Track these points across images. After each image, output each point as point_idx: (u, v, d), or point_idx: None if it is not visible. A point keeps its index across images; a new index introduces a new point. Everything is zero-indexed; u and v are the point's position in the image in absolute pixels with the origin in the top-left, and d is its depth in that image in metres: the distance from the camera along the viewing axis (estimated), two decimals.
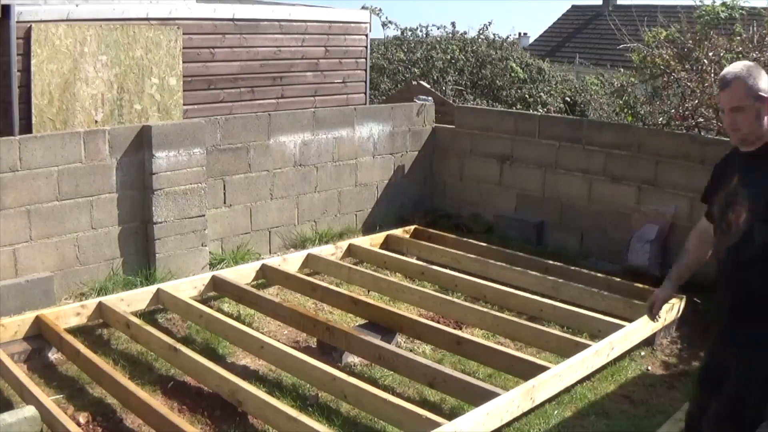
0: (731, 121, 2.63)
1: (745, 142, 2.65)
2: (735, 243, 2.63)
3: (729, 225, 2.67)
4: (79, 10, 6.40)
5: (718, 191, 2.79)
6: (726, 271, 2.74)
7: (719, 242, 2.76)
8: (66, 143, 5.06)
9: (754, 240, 2.56)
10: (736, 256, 2.65)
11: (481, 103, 10.97)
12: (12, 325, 4.35)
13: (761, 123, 2.62)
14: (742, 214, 2.61)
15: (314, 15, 8.29)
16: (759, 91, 2.59)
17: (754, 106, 2.57)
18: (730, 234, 2.66)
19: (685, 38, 6.78)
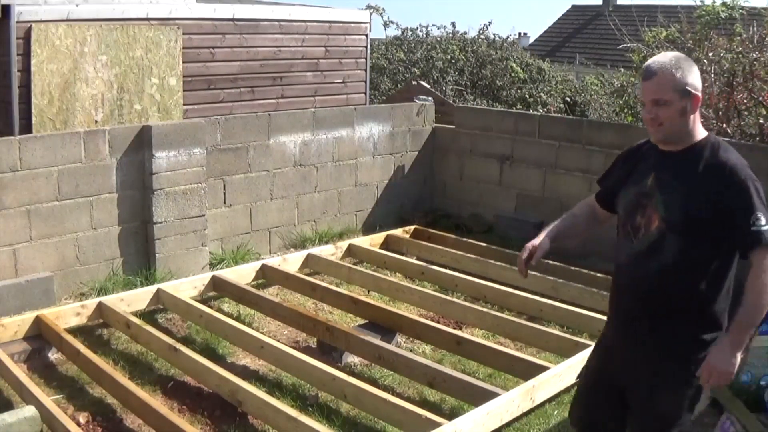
0: (652, 116, 2.37)
1: (667, 141, 2.42)
2: (642, 251, 2.40)
3: (637, 229, 2.43)
4: (79, 10, 6.40)
5: (626, 184, 2.54)
6: (628, 279, 2.49)
7: (623, 245, 2.50)
8: (66, 143, 5.06)
9: (664, 250, 2.35)
10: (642, 265, 2.40)
11: (481, 103, 10.97)
12: (12, 325, 4.35)
13: (686, 121, 2.37)
14: (654, 220, 2.38)
15: (314, 15, 8.29)
16: (686, 86, 2.34)
17: (680, 102, 2.33)
18: (638, 239, 2.42)
19: (685, 38, 6.79)
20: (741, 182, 2.29)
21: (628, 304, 2.49)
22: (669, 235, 2.34)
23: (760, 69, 6.08)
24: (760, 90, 6.17)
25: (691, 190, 2.33)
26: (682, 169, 2.37)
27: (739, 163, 2.34)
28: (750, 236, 2.24)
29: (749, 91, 6.25)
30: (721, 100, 6.43)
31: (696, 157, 2.36)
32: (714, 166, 2.32)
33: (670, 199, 2.35)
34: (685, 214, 2.31)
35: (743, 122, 6.46)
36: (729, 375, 2.27)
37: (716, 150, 2.36)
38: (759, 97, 6.18)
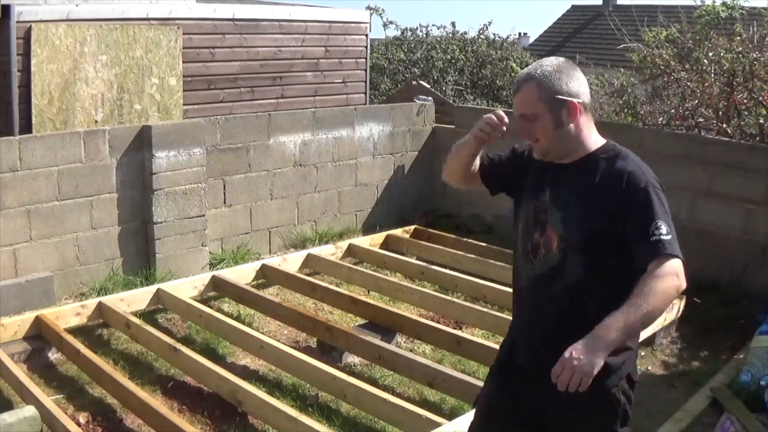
0: (523, 132, 2.19)
1: (551, 155, 2.21)
2: (544, 273, 2.18)
3: (536, 249, 2.21)
4: (79, 10, 6.40)
5: (523, 192, 2.32)
6: (531, 304, 2.27)
7: (522, 267, 2.28)
8: (66, 143, 5.06)
9: (567, 272, 2.14)
10: (545, 289, 2.19)
11: (481, 103, 10.97)
12: (12, 325, 4.35)
13: (566, 132, 2.16)
14: (553, 240, 2.16)
15: (314, 15, 8.28)
16: (556, 94, 2.13)
17: (551, 113, 2.13)
18: (538, 261, 2.21)
19: (685, 38, 6.79)
20: (640, 190, 2.09)
21: (534, 332, 2.25)
22: (571, 254, 2.13)
23: (760, 69, 6.08)
24: (760, 90, 6.17)
25: (588, 204, 2.12)
26: (577, 182, 2.17)
27: (638, 170, 2.14)
28: (649, 247, 2.02)
29: (749, 91, 6.25)
30: (721, 100, 6.44)
31: (592, 169, 2.16)
32: (611, 177, 2.12)
33: (568, 216, 2.14)
34: (584, 231, 2.11)
35: (743, 122, 6.47)
36: (587, 375, 1.91)
37: (614, 159, 2.16)
38: (759, 97, 6.18)
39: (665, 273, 1.97)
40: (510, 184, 2.44)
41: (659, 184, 2.17)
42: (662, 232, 2.04)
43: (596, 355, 1.91)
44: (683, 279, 2.00)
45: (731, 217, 5.50)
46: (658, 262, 1.99)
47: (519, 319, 2.36)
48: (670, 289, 1.97)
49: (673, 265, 1.99)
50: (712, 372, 4.34)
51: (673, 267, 1.99)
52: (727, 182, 5.52)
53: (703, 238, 5.65)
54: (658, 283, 1.96)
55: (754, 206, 5.39)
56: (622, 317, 1.94)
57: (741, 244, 5.44)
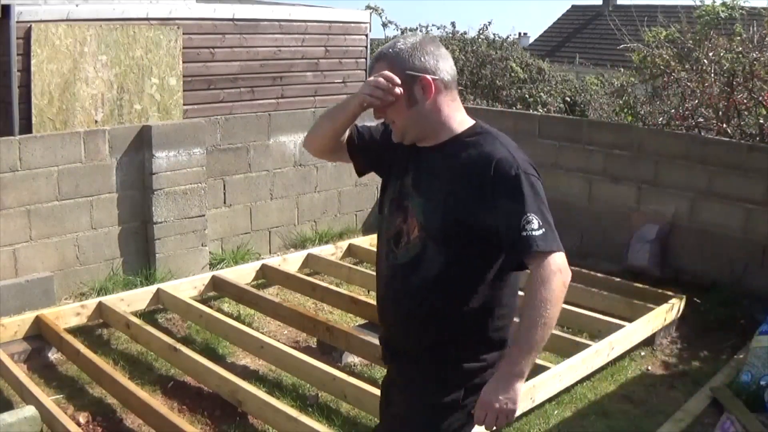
0: (379, 113, 2.03)
1: (409, 137, 2.04)
2: (404, 263, 2.03)
3: (398, 237, 2.05)
4: (79, 10, 6.40)
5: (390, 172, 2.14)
6: (390, 295, 2.11)
7: (384, 254, 2.12)
8: (66, 143, 5.06)
9: (426, 263, 1.98)
10: (404, 280, 2.03)
11: (481, 103, 10.96)
12: (12, 325, 4.35)
13: (423, 111, 1.98)
14: (414, 228, 2.01)
15: (314, 15, 8.28)
16: (406, 70, 1.95)
17: (405, 94, 1.96)
18: (400, 249, 2.04)
19: (685, 38, 6.78)
20: (510, 178, 1.89)
21: (391, 323, 2.13)
22: (431, 245, 1.97)
23: (760, 69, 6.08)
24: (760, 90, 6.17)
25: (451, 191, 1.94)
26: (440, 167, 1.99)
27: (509, 155, 1.94)
28: (520, 242, 1.85)
29: (749, 91, 6.25)
30: (721, 100, 6.44)
31: (457, 152, 1.98)
32: (478, 162, 1.93)
33: (429, 204, 1.97)
34: (446, 220, 1.94)
35: (743, 122, 6.46)
36: (511, 413, 1.87)
37: (481, 142, 1.98)
38: (759, 97, 6.18)
39: (548, 275, 1.84)
40: (379, 163, 2.22)
41: (533, 168, 1.96)
42: (533, 226, 1.85)
43: (513, 390, 1.86)
44: (567, 271, 1.89)
45: (731, 217, 5.50)
46: (535, 261, 1.85)
47: (379, 312, 2.20)
48: (559, 290, 1.85)
49: (553, 263, 1.86)
50: (712, 372, 4.34)
51: (554, 264, 1.85)
52: (727, 182, 5.52)
53: (703, 238, 5.65)
54: (545, 289, 1.83)
55: (754, 206, 5.39)
56: (525, 339, 1.84)
57: (741, 244, 5.44)
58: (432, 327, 2.01)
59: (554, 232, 1.90)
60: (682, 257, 5.75)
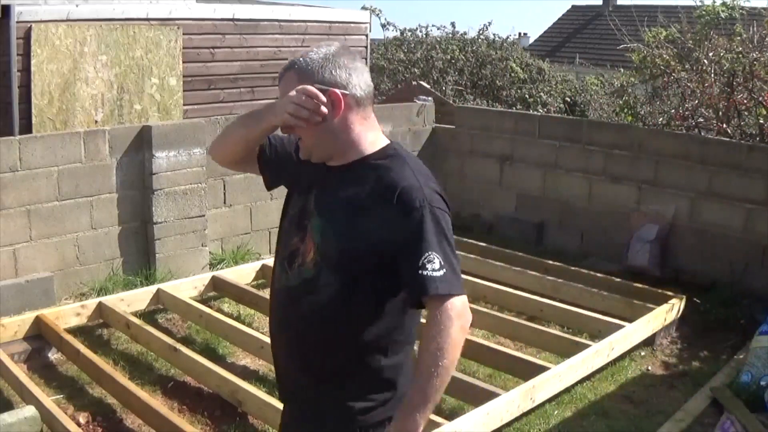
0: (286, 128, 1.86)
1: (316, 155, 1.88)
2: (296, 286, 1.88)
3: (293, 256, 1.90)
4: (79, 10, 6.40)
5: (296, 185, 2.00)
6: (280, 318, 1.96)
7: (278, 273, 1.96)
8: (66, 143, 5.06)
9: (318, 289, 1.83)
10: (294, 304, 1.88)
11: (481, 103, 10.97)
12: (12, 325, 4.35)
13: (330, 128, 1.82)
14: (310, 250, 1.86)
15: (314, 15, 8.28)
16: (315, 82, 1.80)
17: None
18: (293, 270, 1.89)
19: (685, 38, 6.79)
20: (413, 210, 1.74)
21: (281, 348, 1.98)
22: (325, 270, 1.82)
23: (760, 69, 6.08)
24: (760, 90, 6.17)
25: (352, 217, 1.80)
26: (344, 190, 1.84)
27: (415, 183, 1.78)
28: (418, 282, 1.71)
29: (749, 91, 6.25)
30: (721, 100, 6.44)
31: (362, 176, 1.83)
32: (383, 189, 1.78)
33: (328, 227, 1.83)
34: (342, 247, 1.80)
35: (743, 122, 6.47)
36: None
37: (389, 167, 1.82)
38: (759, 97, 6.18)
39: (445, 320, 1.69)
40: (288, 176, 2.06)
41: (442, 200, 1.83)
42: (435, 266, 1.71)
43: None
44: (467, 316, 1.74)
45: (731, 217, 5.51)
46: (433, 303, 1.71)
47: (270, 328, 2.05)
48: (457, 337, 1.70)
49: (452, 307, 1.70)
50: (712, 372, 4.34)
51: (452, 309, 1.70)
52: (727, 182, 5.53)
53: (703, 238, 5.65)
54: (442, 336, 1.69)
55: (754, 206, 5.39)
56: (421, 391, 1.70)
57: (741, 244, 5.44)
58: (318, 358, 1.86)
59: (456, 273, 1.76)
60: (682, 257, 5.75)
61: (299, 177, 1.98)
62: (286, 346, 1.94)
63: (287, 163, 2.04)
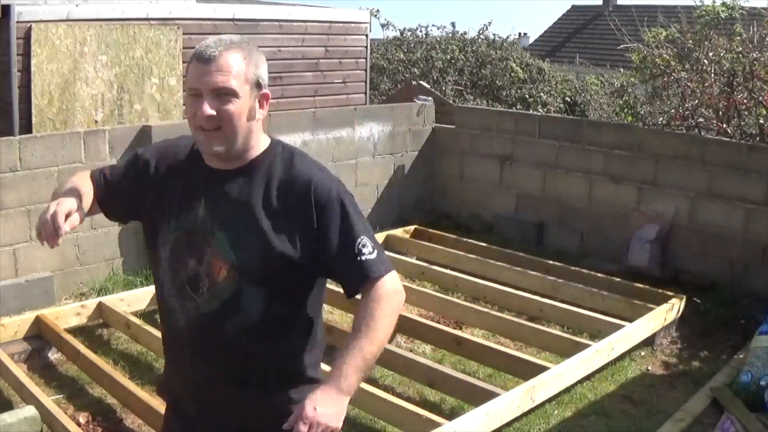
0: (208, 115, 1.67)
1: (225, 154, 1.74)
2: (214, 312, 1.75)
3: (195, 281, 1.75)
4: (79, 10, 6.40)
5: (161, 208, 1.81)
6: (193, 350, 1.81)
7: (177, 304, 1.79)
8: (66, 143, 5.06)
9: (243, 308, 1.73)
10: (214, 331, 1.76)
11: (481, 103, 10.97)
12: (12, 325, 4.34)
13: (252, 128, 1.75)
14: (220, 269, 1.73)
15: (314, 15, 8.28)
16: (259, 78, 1.74)
17: (251, 98, 1.72)
18: (201, 296, 1.75)
19: (685, 38, 6.79)
20: (332, 201, 1.74)
21: (204, 387, 1.84)
22: (247, 287, 1.73)
23: (760, 69, 6.08)
24: (760, 90, 6.17)
25: (265, 222, 1.72)
26: (246, 192, 1.75)
27: (324, 175, 1.79)
28: (356, 269, 1.73)
29: (749, 91, 6.25)
30: (721, 100, 6.44)
31: (264, 175, 1.76)
32: (293, 186, 1.75)
33: (240, 239, 1.72)
34: (263, 255, 1.72)
35: (743, 122, 6.47)
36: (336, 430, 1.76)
37: (290, 162, 1.78)
38: (759, 97, 6.18)
39: (386, 294, 1.74)
40: (140, 206, 1.88)
41: (344, 186, 1.83)
42: (369, 250, 1.73)
43: (341, 406, 1.74)
44: (402, 291, 1.80)
45: (731, 217, 5.51)
46: (372, 284, 1.73)
47: (178, 372, 1.89)
48: (395, 310, 1.77)
49: (389, 284, 1.75)
50: (712, 372, 4.34)
51: (389, 285, 1.75)
52: (727, 182, 5.53)
53: (703, 238, 5.65)
54: (383, 307, 1.73)
55: (754, 206, 5.39)
56: (359, 354, 1.70)
57: (741, 244, 5.45)
58: (253, 374, 1.80)
59: (382, 250, 1.79)
60: (682, 257, 5.75)
61: (161, 199, 1.81)
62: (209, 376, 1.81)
63: (136, 193, 1.86)
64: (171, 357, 1.93)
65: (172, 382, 1.95)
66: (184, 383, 1.89)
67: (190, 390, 1.88)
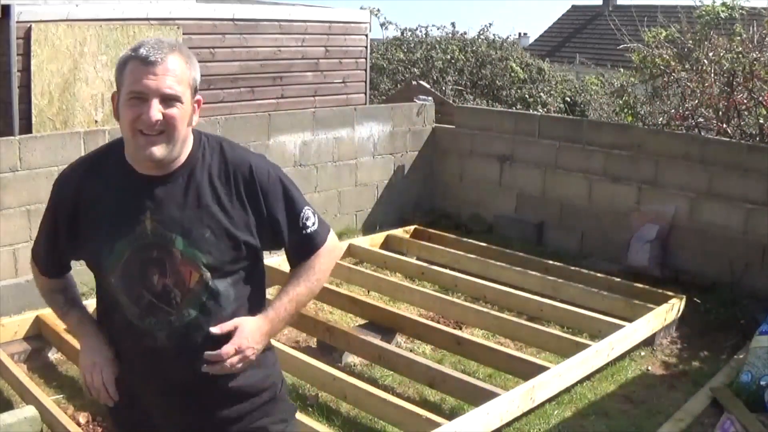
0: (156, 120, 1.66)
1: (163, 161, 1.73)
2: (192, 320, 1.75)
3: (165, 295, 1.73)
4: (79, 10, 6.40)
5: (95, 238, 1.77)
6: (173, 364, 1.78)
7: (150, 321, 1.75)
8: (66, 143, 5.05)
9: (220, 306, 1.76)
10: (192, 339, 1.76)
11: (481, 103, 10.97)
12: (12, 325, 4.35)
13: (188, 132, 1.78)
14: (188, 274, 1.73)
15: (314, 15, 8.29)
16: (197, 83, 1.81)
17: (190, 103, 1.78)
18: (177, 308, 1.74)
19: (685, 38, 6.79)
20: (272, 183, 1.83)
21: (181, 395, 1.82)
22: (219, 283, 1.75)
23: (760, 69, 6.08)
24: (760, 90, 6.17)
25: (222, 215, 1.75)
26: (194, 193, 1.75)
27: (257, 158, 1.88)
28: (304, 242, 1.87)
29: (749, 91, 6.26)
30: (721, 100, 6.44)
31: (201, 171, 1.78)
32: (235, 174, 1.79)
33: (202, 239, 1.73)
34: (230, 249, 1.76)
35: (743, 122, 6.47)
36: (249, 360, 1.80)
37: (221, 151, 1.83)
38: (759, 97, 6.18)
39: (326, 251, 1.92)
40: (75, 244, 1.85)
41: (273, 163, 1.94)
42: (312, 221, 1.88)
43: (263, 340, 1.85)
44: (339, 244, 2.01)
45: (731, 217, 5.51)
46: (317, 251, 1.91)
47: (148, 384, 1.85)
48: (332, 265, 1.97)
49: (331, 247, 1.94)
50: (712, 372, 4.34)
51: (330, 244, 1.93)
52: (727, 182, 5.53)
53: (703, 238, 5.65)
54: (323, 262, 1.91)
55: (754, 206, 5.39)
56: (295, 300, 1.88)
57: (741, 244, 5.44)
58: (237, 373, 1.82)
59: (318, 215, 1.92)
60: (682, 257, 5.75)
61: (97, 228, 1.77)
62: (195, 382, 1.79)
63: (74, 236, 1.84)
64: (139, 374, 1.84)
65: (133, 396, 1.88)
66: (157, 392, 1.84)
67: (163, 397, 1.84)
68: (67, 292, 2.02)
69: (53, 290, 2.00)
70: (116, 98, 1.74)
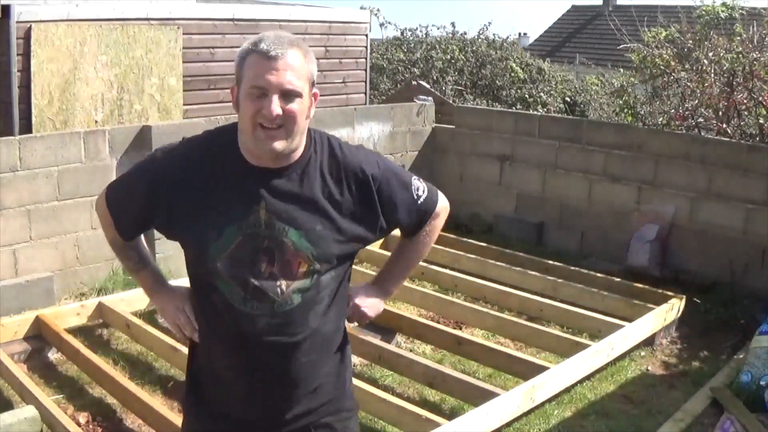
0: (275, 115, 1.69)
1: (281, 153, 1.74)
2: (295, 307, 1.77)
3: (273, 281, 1.75)
4: (79, 10, 6.40)
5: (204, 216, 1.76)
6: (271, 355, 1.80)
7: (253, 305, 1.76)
8: (66, 143, 5.06)
9: (320, 296, 1.80)
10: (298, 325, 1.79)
11: (481, 103, 10.97)
12: (12, 325, 4.34)
13: (306, 126, 1.79)
14: (297, 265, 1.75)
15: (314, 15, 8.29)
16: (315, 77, 1.78)
17: (309, 97, 1.76)
18: (282, 296, 1.75)
19: (685, 38, 6.79)
20: (384, 171, 1.87)
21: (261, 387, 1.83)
22: (323, 273, 1.79)
23: (760, 69, 6.08)
24: (760, 90, 6.17)
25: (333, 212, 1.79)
26: (308, 188, 1.77)
27: (365, 152, 1.90)
28: (421, 211, 1.95)
29: (749, 91, 6.26)
30: (721, 100, 6.44)
31: (315, 167, 1.80)
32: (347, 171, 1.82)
33: (314, 233, 1.76)
34: (342, 240, 1.80)
35: (743, 122, 6.47)
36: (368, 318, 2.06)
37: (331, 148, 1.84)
38: (759, 97, 6.18)
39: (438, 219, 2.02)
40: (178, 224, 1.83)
41: (376, 152, 2.00)
42: (422, 187, 1.96)
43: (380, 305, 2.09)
44: (446, 202, 2.05)
45: (731, 217, 5.51)
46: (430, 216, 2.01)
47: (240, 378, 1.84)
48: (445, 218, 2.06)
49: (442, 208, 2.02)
50: (712, 372, 4.34)
51: (442, 206, 2.02)
52: (727, 182, 5.53)
53: (703, 238, 5.65)
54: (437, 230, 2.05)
55: (754, 206, 5.39)
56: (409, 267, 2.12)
57: (741, 244, 5.44)
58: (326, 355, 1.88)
59: (420, 178, 1.98)
60: (682, 257, 5.75)
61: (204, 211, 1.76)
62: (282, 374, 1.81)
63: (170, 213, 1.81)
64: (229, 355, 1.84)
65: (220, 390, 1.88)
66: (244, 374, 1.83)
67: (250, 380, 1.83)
68: (140, 250, 2.02)
69: (127, 246, 2.00)
70: (236, 91, 1.78)
